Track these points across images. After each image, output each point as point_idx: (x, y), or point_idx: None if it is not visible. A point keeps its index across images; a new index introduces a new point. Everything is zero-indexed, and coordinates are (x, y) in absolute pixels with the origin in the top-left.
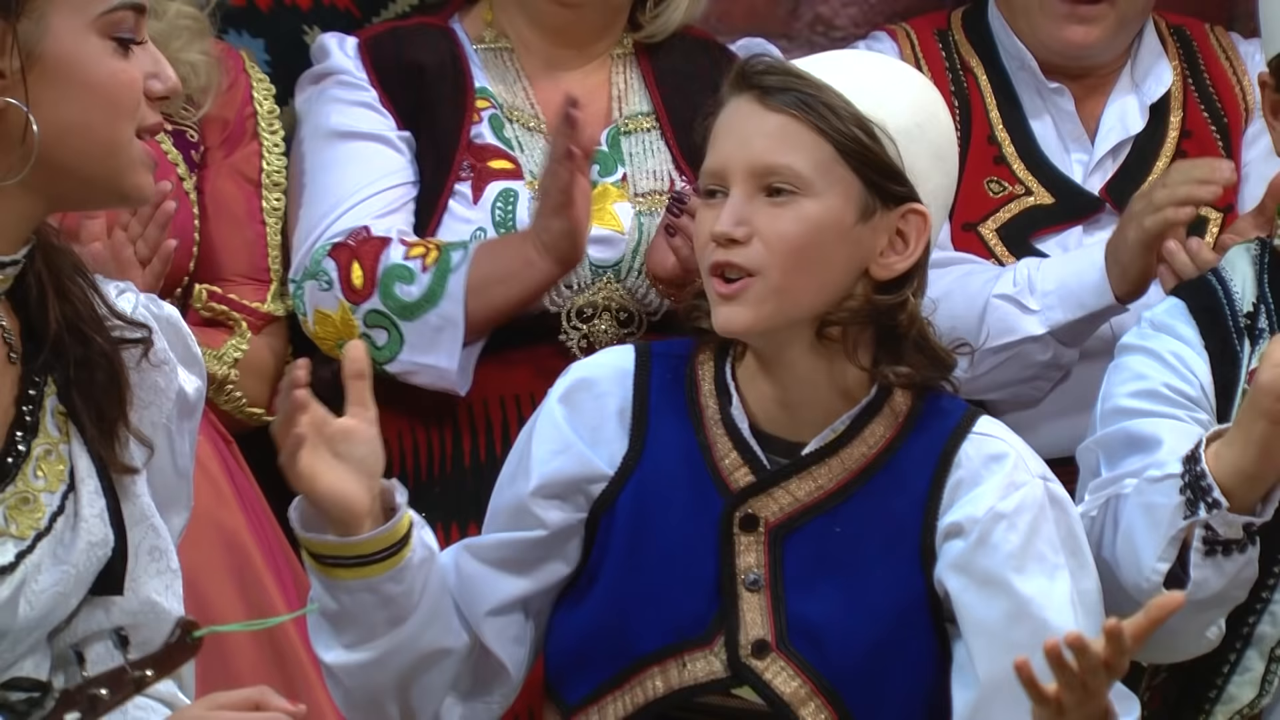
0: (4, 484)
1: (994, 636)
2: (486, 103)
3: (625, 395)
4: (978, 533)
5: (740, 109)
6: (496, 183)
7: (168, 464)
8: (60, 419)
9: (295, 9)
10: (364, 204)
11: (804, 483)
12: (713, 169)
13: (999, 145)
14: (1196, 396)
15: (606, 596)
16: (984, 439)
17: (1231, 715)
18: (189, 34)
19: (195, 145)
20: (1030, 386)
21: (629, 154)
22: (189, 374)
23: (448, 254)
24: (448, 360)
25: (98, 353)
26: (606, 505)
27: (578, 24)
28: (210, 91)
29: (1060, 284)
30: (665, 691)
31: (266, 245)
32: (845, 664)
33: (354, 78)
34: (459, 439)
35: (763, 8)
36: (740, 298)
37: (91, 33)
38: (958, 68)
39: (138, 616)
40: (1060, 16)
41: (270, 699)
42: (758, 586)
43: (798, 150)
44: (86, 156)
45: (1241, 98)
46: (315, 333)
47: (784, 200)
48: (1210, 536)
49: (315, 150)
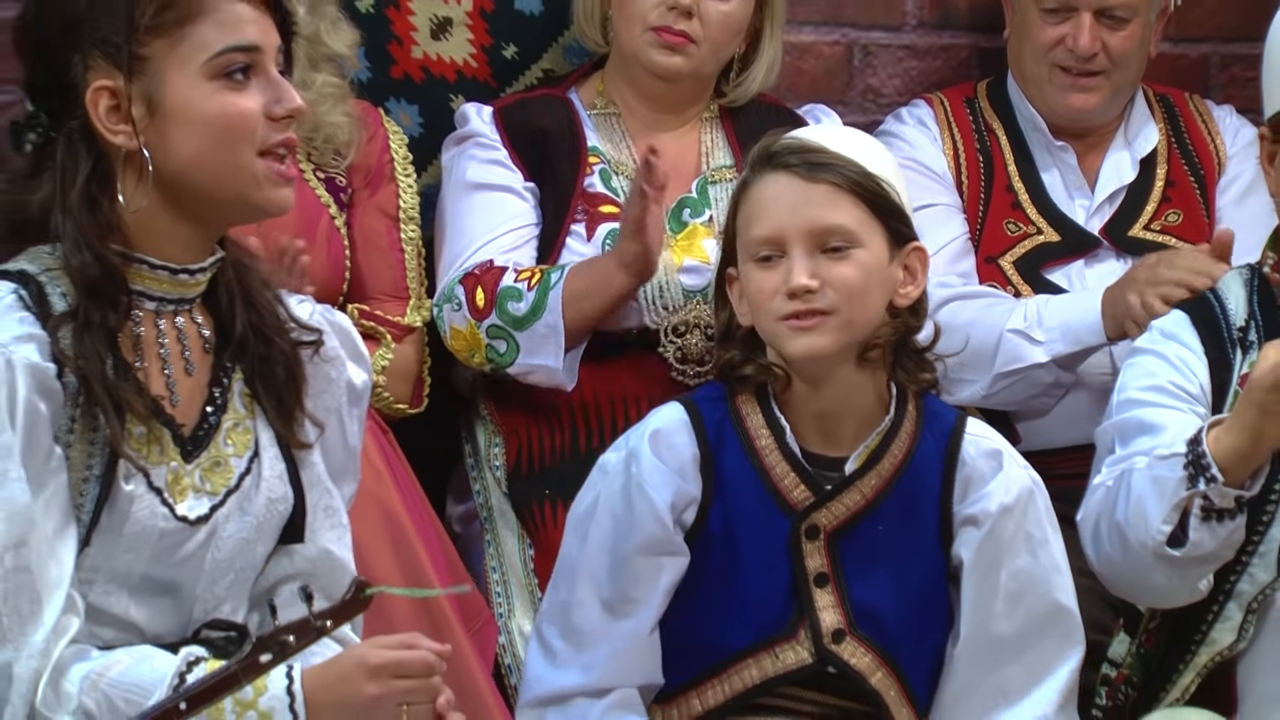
0: (200, 451)
1: (981, 608)
2: (597, 159)
3: (692, 441)
4: (990, 525)
5: (781, 184)
6: (605, 224)
7: (339, 441)
8: (246, 399)
9: (443, 80)
10: (494, 242)
11: (851, 494)
12: (769, 236)
13: (1015, 193)
14: (1196, 393)
15: (700, 604)
16: (978, 439)
17: (1213, 655)
18: (333, 99)
19: (343, 189)
20: (1037, 402)
21: (715, 199)
22: (357, 368)
23: (547, 275)
24: (554, 360)
25: (278, 351)
26: (699, 531)
27: (673, 94)
28: (353, 145)
29: (1063, 323)
30: (760, 679)
31: (405, 269)
32: (899, 637)
33: (489, 139)
34: (575, 433)
35: (823, 80)
36: (818, 329)
37: (202, 78)
38: (982, 129)
39: (316, 563)
40: (1065, 86)
41: (420, 641)
42: (824, 582)
43: (844, 211)
44: (213, 181)
45: (1215, 154)
46: (452, 345)
47: (842, 254)
48: (1207, 505)
49: (457, 198)
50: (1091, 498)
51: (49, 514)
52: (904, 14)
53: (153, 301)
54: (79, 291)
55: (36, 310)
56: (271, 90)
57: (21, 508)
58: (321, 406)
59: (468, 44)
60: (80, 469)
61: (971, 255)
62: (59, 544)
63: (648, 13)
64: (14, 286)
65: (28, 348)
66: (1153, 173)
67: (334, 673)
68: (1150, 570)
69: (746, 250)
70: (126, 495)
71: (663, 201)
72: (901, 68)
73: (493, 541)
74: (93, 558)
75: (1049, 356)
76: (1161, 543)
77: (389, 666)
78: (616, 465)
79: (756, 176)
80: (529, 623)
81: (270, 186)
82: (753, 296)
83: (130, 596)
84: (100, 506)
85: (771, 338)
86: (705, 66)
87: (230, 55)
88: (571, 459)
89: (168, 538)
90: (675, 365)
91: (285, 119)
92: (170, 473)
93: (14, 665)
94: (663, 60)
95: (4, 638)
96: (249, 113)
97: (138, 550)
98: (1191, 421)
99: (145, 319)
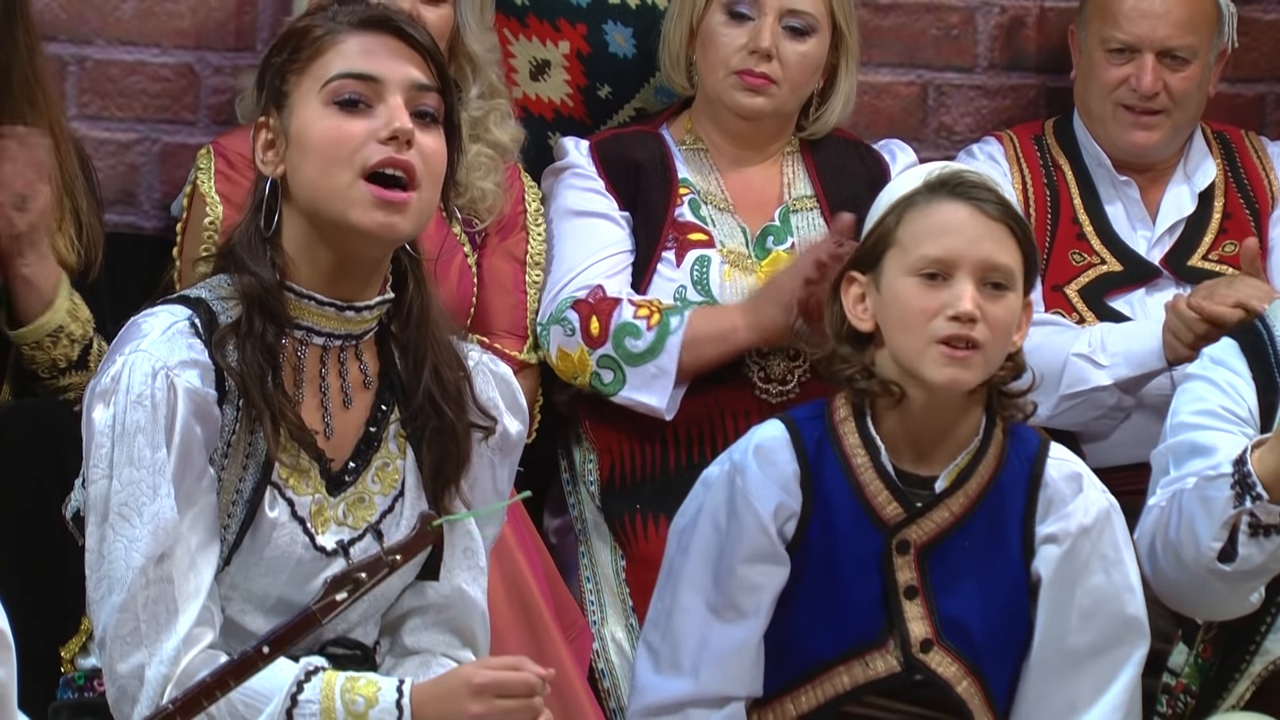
0: (347, 486)
1: (1055, 623)
2: (687, 190)
3: (793, 458)
4: (1070, 543)
5: (962, 212)
6: (694, 251)
7: (488, 487)
8: (400, 440)
9: (541, 119)
10: (594, 266)
11: (940, 511)
12: (942, 258)
13: (1080, 225)
14: (1245, 416)
15: (794, 613)
16: (1060, 462)
17: (1266, 665)
18: (485, 169)
19: (479, 232)
20: (1099, 424)
21: (796, 227)
22: (513, 418)
23: (667, 318)
24: (660, 401)
25: (448, 426)
26: (799, 543)
27: (757, 132)
28: (495, 211)
29: (1126, 348)
30: (851, 686)
31: (526, 310)
32: (984, 648)
33: (586, 171)
34: (665, 450)
35: (899, 116)
36: (968, 363)
37: (319, 103)
38: (1049, 165)
39: (449, 599)
40: (1128, 124)
41: (526, 664)
42: (913, 594)
43: (1010, 253)
44: (325, 204)
45: (1269, 187)
46: (556, 365)
47: (1000, 293)
48: (1254, 522)
49: (557, 224)
50: (1147, 518)
51: (194, 530)
52: (976, 56)
53: (321, 337)
54: (245, 306)
55: (205, 337)
56: (384, 115)
57: (168, 523)
58: (475, 454)
59: (565, 84)
60: (230, 490)
61: (1039, 284)
62: (200, 559)
63: (730, 57)
64: (189, 313)
65: (191, 373)
66: (1211, 205)
67: (442, 689)
68: (1203, 585)
69: (909, 265)
70: (270, 521)
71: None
72: (973, 106)
73: (587, 553)
74: (232, 576)
75: (1112, 380)
76: (1213, 559)
77: (492, 687)
78: (720, 478)
79: (934, 199)
80: (621, 630)
81: (368, 209)
82: (907, 313)
83: (265, 615)
84: (245, 529)
85: (916, 356)
86: (786, 105)
87: (343, 81)
88: (661, 474)
89: (305, 565)
90: (759, 385)
91: (391, 139)
92: (314, 504)
93: (146, 668)
94: (746, 101)
95: (140, 642)
96: (350, 134)
97: (275, 574)
98: (1241, 443)
99: (310, 354)
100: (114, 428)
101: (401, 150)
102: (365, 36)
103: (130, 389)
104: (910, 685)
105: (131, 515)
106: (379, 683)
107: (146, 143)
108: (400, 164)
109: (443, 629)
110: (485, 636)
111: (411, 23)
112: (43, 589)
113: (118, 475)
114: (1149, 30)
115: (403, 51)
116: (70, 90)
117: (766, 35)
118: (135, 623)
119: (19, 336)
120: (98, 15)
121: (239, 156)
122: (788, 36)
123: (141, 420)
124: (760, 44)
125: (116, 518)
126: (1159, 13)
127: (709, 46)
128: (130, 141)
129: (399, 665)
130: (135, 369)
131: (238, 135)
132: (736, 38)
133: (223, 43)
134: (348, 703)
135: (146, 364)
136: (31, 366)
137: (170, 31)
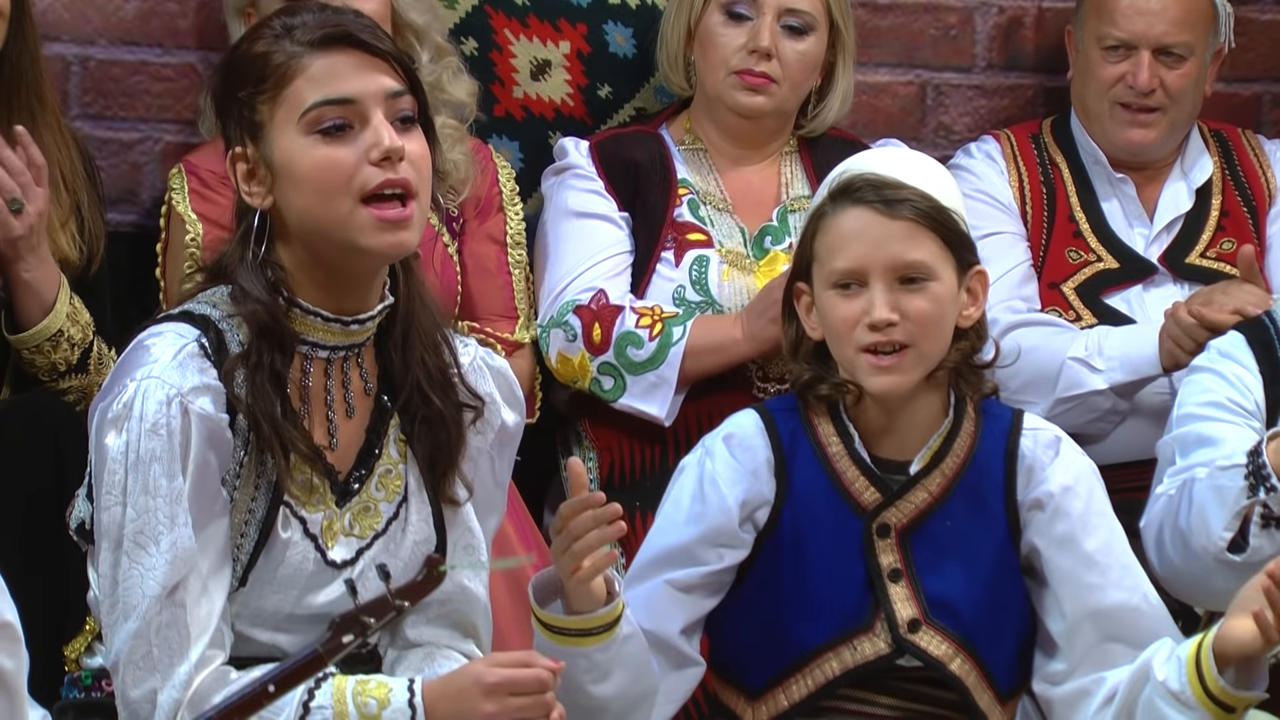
0: (353, 496)
1: (1073, 582)
2: (686, 190)
3: (767, 446)
4: (1054, 505)
5: (863, 218)
6: (693, 251)
7: (489, 479)
8: (401, 445)
9: (542, 118)
10: (594, 268)
11: (917, 493)
12: (851, 269)
13: (1077, 223)
14: (1251, 409)
15: (777, 603)
16: (1036, 431)
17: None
18: (451, 139)
19: (455, 219)
20: (1094, 427)
21: (794, 227)
22: (510, 410)
23: (669, 328)
24: (659, 410)
25: (436, 414)
26: (771, 532)
27: (756, 131)
28: (468, 181)
29: (1123, 353)
30: (841, 671)
31: (513, 290)
32: (974, 623)
33: (586, 171)
34: (665, 448)
35: (898, 117)
36: (896, 368)
37: (299, 134)
38: (1047, 163)
39: (451, 596)
40: (1124, 122)
41: (536, 659)
42: (898, 577)
43: (922, 246)
44: (326, 232)
45: (1266, 185)
46: (556, 368)
47: (919, 287)
48: (1267, 513)
49: (556, 225)
50: (1154, 506)
51: (205, 553)
52: (974, 56)
53: (325, 350)
54: (251, 334)
55: (215, 359)
56: (371, 135)
57: (186, 552)
58: (474, 447)
59: (565, 84)
60: (243, 511)
61: (1035, 281)
62: (212, 582)
63: (729, 57)
64: (198, 334)
65: (204, 399)
66: (1208, 203)
67: (453, 688)
68: (1211, 575)
69: (826, 278)
70: (283, 541)
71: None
72: (971, 106)
73: None
74: (245, 594)
75: (1107, 384)
76: (1223, 549)
77: (504, 685)
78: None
79: (836, 208)
80: None
81: (376, 233)
82: (833, 324)
83: (276, 629)
84: (258, 550)
85: (851, 368)
86: (786, 103)
87: (320, 110)
88: (661, 473)
89: (315, 578)
90: (758, 383)
91: (384, 160)
92: (325, 519)
93: (159, 693)
94: (746, 100)
95: (153, 668)
96: (341, 162)
97: (286, 591)
98: (1247, 435)
99: (315, 368)
100: (128, 455)
101: (396, 168)
102: (328, 57)
103: (145, 417)
104: (902, 674)
105: (148, 544)
106: (389, 684)
107: (149, 142)
108: (397, 183)
109: (444, 623)
110: (487, 630)
111: (367, 28)
112: (43, 585)
113: (132, 503)
114: (1145, 27)
115: (368, 63)
116: (73, 90)
117: (766, 34)
118: (148, 648)
119: (19, 341)
120: (100, 15)
121: (210, 174)
122: (786, 35)
123: (157, 449)
124: (760, 43)
125: (132, 545)
126: (1155, 10)
127: (708, 47)
128: (133, 141)
129: (402, 658)
130: (149, 396)
131: (206, 151)
132: (735, 37)
133: (225, 43)
134: (360, 705)
135: (160, 392)
136: (31, 370)
137: (172, 31)
